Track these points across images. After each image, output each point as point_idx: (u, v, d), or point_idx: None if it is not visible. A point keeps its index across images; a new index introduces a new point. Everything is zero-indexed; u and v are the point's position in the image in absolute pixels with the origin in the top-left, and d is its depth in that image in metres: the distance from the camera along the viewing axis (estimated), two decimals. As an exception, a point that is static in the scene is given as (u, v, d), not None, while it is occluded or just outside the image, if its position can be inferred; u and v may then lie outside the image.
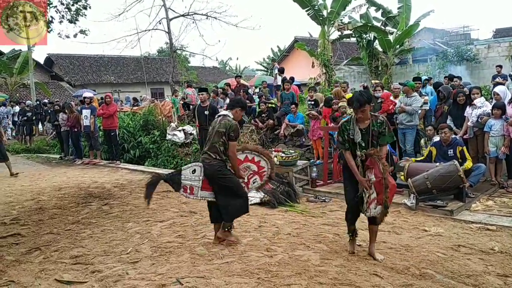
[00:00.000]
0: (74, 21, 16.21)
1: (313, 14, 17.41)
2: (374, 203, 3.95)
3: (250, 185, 4.81)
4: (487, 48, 18.24)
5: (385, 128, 3.96)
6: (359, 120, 4.00)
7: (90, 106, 11.38)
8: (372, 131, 3.94)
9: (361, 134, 3.97)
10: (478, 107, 7.19)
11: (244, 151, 4.74)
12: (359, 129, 3.98)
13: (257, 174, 4.79)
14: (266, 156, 4.79)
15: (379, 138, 3.97)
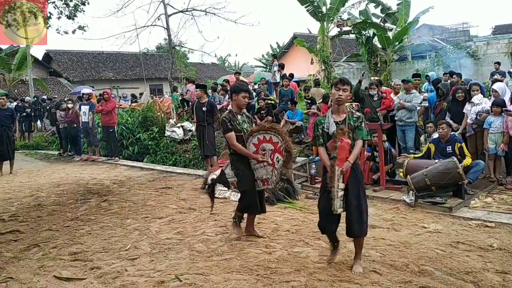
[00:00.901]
0: (73, 17, 16.12)
1: (312, 10, 17.40)
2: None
3: (277, 165, 4.54)
4: (486, 45, 18.24)
5: (361, 123, 3.79)
6: (334, 112, 3.85)
7: (89, 103, 11.36)
8: (348, 124, 3.77)
9: (336, 126, 3.80)
10: (476, 104, 7.18)
11: (253, 134, 4.55)
12: (334, 121, 3.83)
13: (277, 152, 4.53)
14: (273, 130, 4.56)
15: (355, 133, 3.77)
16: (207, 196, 4.93)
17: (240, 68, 40.23)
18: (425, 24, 26.42)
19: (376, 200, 6.44)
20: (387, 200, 6.36)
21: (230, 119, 4.58)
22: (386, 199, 6.39)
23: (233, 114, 4.65)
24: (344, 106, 3.83)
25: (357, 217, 3.72)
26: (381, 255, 4.19)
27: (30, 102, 17.92)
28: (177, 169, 9.86)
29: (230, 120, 4.58)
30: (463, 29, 28.72)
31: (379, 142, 7.01)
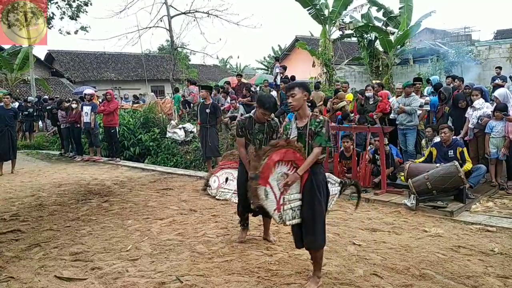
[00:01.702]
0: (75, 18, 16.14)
1: (315, 13, 17.43)
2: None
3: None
4: (488, 49, 18.23)
5: (321, 128, 3.49)
6: (298, 117, 3.65)
7: (91, 103, 11.38)
8: (309, 130, 3.53)
9: (297, 132, 3.63)
10: (478, 108, 7.19)
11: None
12: (296, 127, 3.68)
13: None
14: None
15: (314, 138, 3.52)
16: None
17: (241, 70, 40.25)
18: (427, 28, 26.46)
19: (377, 203, 6.44)
20: (388, 203, 6.36)
21: (244, 126, 4.47)
22: (387, 202, 6.39)
23: (252, 121, 4.49)
24: (304, 111, 3.59)
25: (310, 229, 3.52)
26: (382, 258, 4.19)
27: (32, 102, 17.95)
28: (178, 170, 9.87)
29: (243, 126, 4.48)
30: (465, 33, 28.78)
31: (381, 145, 7.01)
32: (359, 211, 6.05)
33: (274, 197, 3.46)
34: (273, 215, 3.50)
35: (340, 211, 6.12)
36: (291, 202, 3.53)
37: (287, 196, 3.51)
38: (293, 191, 3.54)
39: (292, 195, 3.53)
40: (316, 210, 3.50)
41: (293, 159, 3.50)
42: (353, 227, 5.29)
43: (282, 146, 3.46)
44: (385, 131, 7.14)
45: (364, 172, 7.15)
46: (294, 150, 3.51)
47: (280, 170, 3.48)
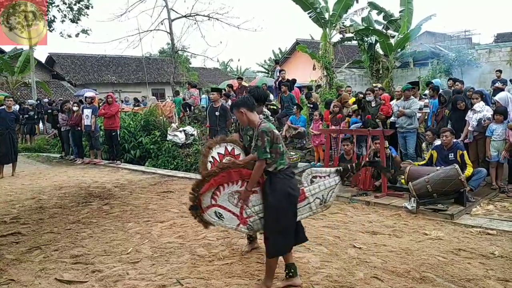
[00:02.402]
0: (76, 21, 16.20)
1: (315, 16, 17.44)
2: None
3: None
4: (488, 53, 18.24)
5: (257, 140, 3.41)
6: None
7: (92, 106, 11.39)
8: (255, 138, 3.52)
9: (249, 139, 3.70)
10: (478, 111, 7.19)
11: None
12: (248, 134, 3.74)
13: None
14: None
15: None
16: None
17: (242, 73, 40.31)
18: (427, 31, 26.48)
19: (378, 206, 6.44)
20: (388, 206, 6.36)
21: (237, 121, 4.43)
22: (387, 205, 6.39)
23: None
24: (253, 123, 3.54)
25: (267, 237, 3.56)
26: (383, 261, 4.19)
27: (33, 105, 17.96)
28: (178, 173, 9.88)
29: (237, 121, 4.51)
30: (465, 36, 28.80)
31: (381, 148, 7.02)
32: (359, 214, 6.06)
33: (231, 215, 3.64)
34: (239, 229, 3.68)
35: (341, 214, 6.12)
36: (259, 213, 3.64)
37: (255, 208, 3.64)
38: (258, 202, 3.63)
39: (258, 206, 3.64)
40: (266, 219, 3.54)
41: (240, 178, 3.59)
42: (354, 230, 5.29)
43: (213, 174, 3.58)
44: (385, 134, 7.15)
45: (365, 175, 7.16)
46: (238, 168, 3.59)
47: (230, 190, 3.62)
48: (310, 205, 3.66)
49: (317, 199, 3.64)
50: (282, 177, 3.48)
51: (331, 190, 3.66)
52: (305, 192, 3.62)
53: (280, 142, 3.49)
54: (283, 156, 3.49)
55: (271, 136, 3.41)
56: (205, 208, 3.64)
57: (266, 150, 3.38)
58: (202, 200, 3.63)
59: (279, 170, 3.48)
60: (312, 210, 3.70)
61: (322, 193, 3.63)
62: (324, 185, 3.66)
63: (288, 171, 3.53)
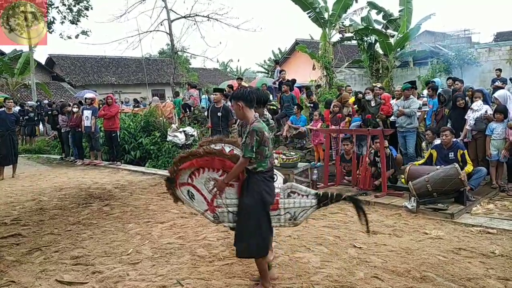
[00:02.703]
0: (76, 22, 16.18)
1: (315, 16, 17.46)
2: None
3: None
4: (488, 52, 18.25)
5: (246, 137, 3.42)
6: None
7: (92, 107, 11.39)
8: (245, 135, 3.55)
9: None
10: (475, 110, 7.19)
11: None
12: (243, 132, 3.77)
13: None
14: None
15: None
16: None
17: (242, 74, 40.32)
18: (426, 30, 26.48)
19: (378, 206, 6.44)
20: (388, 206, 6.35)
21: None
22: (387, 205, 6.39)
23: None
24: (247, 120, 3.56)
25: (236, 236, 3.56)
26: (383, 261, 4.20)
27: (33, 107, 17.98)
28: (178, 174, 9.85)
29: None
30: (465, 35, 28.74)
31: (381, 147, 7.02)
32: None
33: (203, 199, 3.71)
34: (205, 215, 3.74)
35: (341, 213, 6.12)
36: (229, 206, 3.65)
37: (226, 200, 3.65)
38: (231, 196, 3.64)
39: (230, 200, 3.64)
40: (242, 219, 3.53)
41: (221, 168, 3.62)
42: (354, 229, 5.28)
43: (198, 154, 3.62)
44: (385, 134, 7.15)
45: (365, 174, 7.16)
46: (223, 158, 3.60)
47: (209, 175, 3.67)
48: (280, 217, 3.60)
49: (288, 214, 3.59)
50: (260, 179, 3.49)
51: (304, 211, 3.60)
52: (279, 203, 3.58)
53: (267, 145, 3.48)
54: (266, 159, 3.49)
55: (260, 137, 3.40)
56: (181, 184, 3.73)
57: (252, 149, 3.38)
58: (180, 176, 3.71)
59: (258, 172, 3.48)
60: (280, 222, 3.63)
61: (295, 210, 3.59)
62: (299, 203, 3.61)
63: (267, 174, 3.53)
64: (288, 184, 3.63)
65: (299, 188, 3.62)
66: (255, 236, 3.44)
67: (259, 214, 3.47)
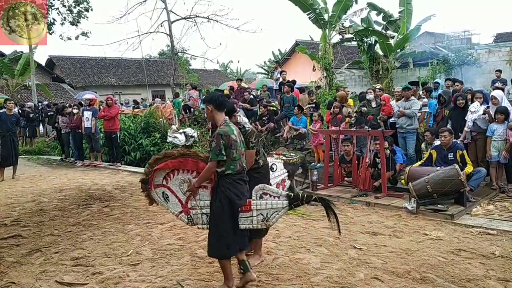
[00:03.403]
0: (76, 23, 16.17)
1: (314, 17, 17.48)
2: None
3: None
4: (488, 53, 18.26)
5: (212, 141, 3.53)
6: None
7: (92, 108, 11.39)
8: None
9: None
10: (473, 112, 7.18)
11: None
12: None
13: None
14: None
15: None
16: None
17: (242, 75, 40.31)
18: (426, 31, 26.48)
19: (378, 207, 6.45)
20: (388, 207, 6.36)
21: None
22: (387, 206, 6.39)
23: None
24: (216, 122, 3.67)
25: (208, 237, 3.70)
26: (383, 262, 4.19)
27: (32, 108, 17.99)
28: (179, 175, 9.85)
29: None
30: (465, 36, 28.75)
31: (381, 148, 7.02)
32: (359, 215, 6.07)
33: (177, 200, 3.82)
34: (180, 216, 3.84)
35: (341, 215, 6.11)
36: (203, 208, 3.75)
37: (201, 202, 3.75)
38: (205, 198, 3.74)
39: (204, 202, 3.74)
40: (211, 221, 3.63)
41: (195, 169, 3.72)
42: (354, 230, 5.29)
43: (172, 155, 3.75)
44: (385, 135, 7.15)
45: (364, 175, 7.16)
46: (197, 160, 3.69)
47: (183, 177, 3.77)
48: (252, 218, 3.61)
49: (261, 215, 3.60)
50: (229, 182, 3.54)
51: (276, 212, 3.60)
52: (252, 204, 3.60)
53: (235, 148, 3.53)
54: (234, 162, 3.54)
55: (226, 140, 3.48)
56: (156, 185, 3.85)
57: (219, 152, 3.46)
58: (155, 177, 3.83)
59: (227, 175, 3.54)
60: (253, 224, 3.63)
61: (267, 211, 3.59)
62: (271, 204, 3.61)
63: (236, 177, 3.58)
64: (260, 186, 3.66)
65: (270, 190, 3.66)
66: (221, 238, 3.54)
67: (225, 218, 3.53)
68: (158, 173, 3.81)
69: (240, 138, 3.67)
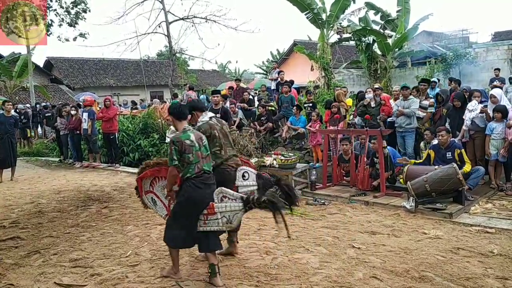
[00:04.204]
0: (74, 25, 16.16)
1: (312, 17, 17.46)
2: None
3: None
4: (486, 51, 18.29)
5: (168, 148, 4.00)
6: None
7: (88, 109, 11.37)
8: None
9: None
10: (471, 110, 7.18)
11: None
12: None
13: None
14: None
15: None
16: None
17: (240, 75, 40.34)
18: (424, 30, 26.52)
19: (377, 206, 6.45)
20: (387, 206, 6.36)
21: None
22: (386, 205, 6.39)
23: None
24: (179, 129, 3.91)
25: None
26: (382, 261, 4.20)
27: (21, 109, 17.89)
28: (177, 175, 9.84)
29: None
30: (463, 35, 28.79)
31: (379, 148, 7.02)
32: (358, 214, 6.07)
33: (162, 204, 4.25)
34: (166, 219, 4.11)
35: (340, 214, 6.13)
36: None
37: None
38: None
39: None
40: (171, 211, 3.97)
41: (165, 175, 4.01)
42: (353, 230, 5.29)
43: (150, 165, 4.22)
44: (383, 134, 7.16)
45: (363, 175, 7.16)
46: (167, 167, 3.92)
47: (163, 183, 4.16)
48: (218, 220, 3.75)
49: (224, 218, 3.73)
50: (189, 185, 3.75)
51: (235, 214, 3.71)
52: (215, 207, 3.73)
53: (190, 152, 3.74)
54: (191, 165, 3.74)
55: (179, 146, 3.72)
56: (145, 191, 4.31)
57: (173, 158, 3.71)
58: (144, 184, 4.29)
59: (186, 178, 3.76)
60: (219, 226, 3.77)
61: (228, 213, 3.72)
62: (230, 207, 3.72)
63: (196, 180, 3.75)
64: (219, 189, 3.80)
65: (228, 193, 3.78)
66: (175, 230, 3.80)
67: (181, 217, 3.78)
68: (145, 180, 4.25)
69: (201, 142, 3.85)
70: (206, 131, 4.20)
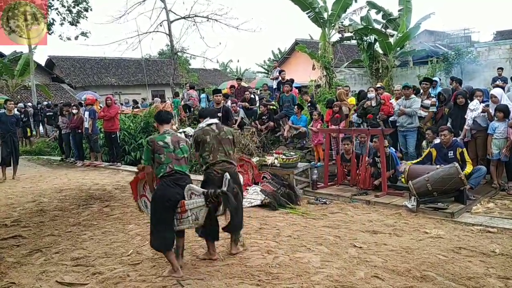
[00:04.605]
0: (75, 23, 16.15)
1: (314, 16, 17.45)
2: None
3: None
4: (488, 51, 18.24)
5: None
6: None
7: (89, 108, 11.38)
8: None
9: None
10: (472, 110, 7.16)
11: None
12: None
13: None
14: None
15: None
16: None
17: (242, 74, 40.29)
18: (426, 30, 26.45)
19: (378, 205, 6.44)
20: (389, 205, 6.36)
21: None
22: (388, 204, 6.39)
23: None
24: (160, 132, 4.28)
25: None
26: (383, 260, 4.19)
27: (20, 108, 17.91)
28: (179, 174, 9.85)
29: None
30: (465, 34, 28.77)
31: (381, 147, 7.01)
32: (360, 214, 6.07)
33: None
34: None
35: (341, 213, 6.13)
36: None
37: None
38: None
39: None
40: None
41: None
42: (354, 229, 5.29)
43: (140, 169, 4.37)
44: (385, 133, 7.15)
45: (364, 174, 7.16)
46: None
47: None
48: (188, 218, 3.85)
49: (193, 215, 3.83)
50: (162, 183, 3.96)
51: (200, 209, 3.81)
52: (185, 205, 3.84)
53: (162, 152, 3.96)
54: (163, 165, 3.95)
55: (151, 146, 3.99)
56: (140, 195, 4.42)
57: (146, 158, 4.05)
58: (138, 188, 4.40)
59: (160, 177, 3.97)
60: (190, 224, 3.88)
61: (195, 210, 3.81)
62: (196, 203, 3.82)
63: (168, 179, 3.93)
64: (188, 186, 3.91)
65: (195, 190, 3.89)
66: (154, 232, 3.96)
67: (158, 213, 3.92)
68: (138, 184, 4.39)
69: (177, 145, 4.08)
70: (198, 136, 4.55)
